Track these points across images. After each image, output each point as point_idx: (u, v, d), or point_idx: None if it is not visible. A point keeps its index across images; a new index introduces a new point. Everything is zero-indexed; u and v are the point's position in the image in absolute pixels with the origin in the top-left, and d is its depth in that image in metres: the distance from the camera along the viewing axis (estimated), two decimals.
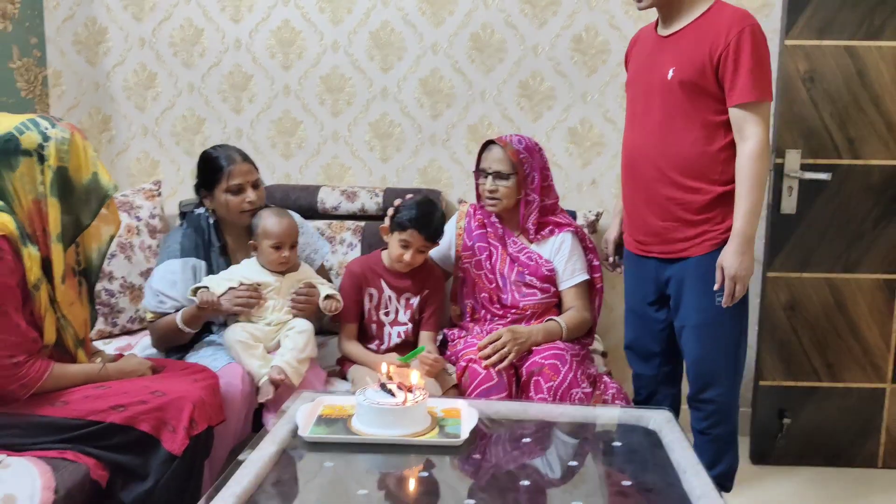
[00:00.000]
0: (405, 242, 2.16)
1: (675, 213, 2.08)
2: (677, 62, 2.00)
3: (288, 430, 1.71)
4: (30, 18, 2.84)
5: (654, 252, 2.16)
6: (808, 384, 2.68)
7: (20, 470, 1.55)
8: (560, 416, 1.90)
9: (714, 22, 1.97)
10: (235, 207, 2.14)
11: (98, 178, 1.77)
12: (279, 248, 2.11)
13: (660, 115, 2.04)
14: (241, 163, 2.16)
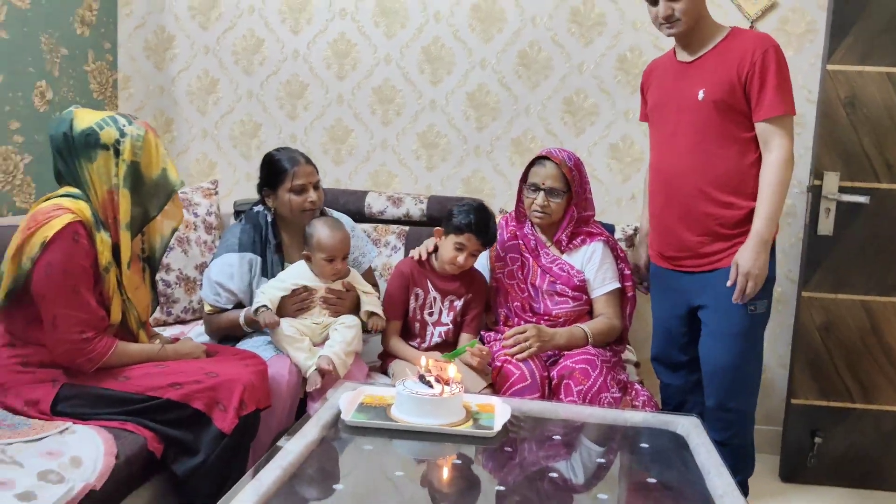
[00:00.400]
0: (460, 245, 2.25)
1: (711, 228, 2.16)
2: (707, 84, 2.11)
3: (331, 415, 1.81)
4: (105, 25, 3.03)
5: (686, 266, 2.23)
6: (840, 405, 2.70)
7: (85, 436, 1.68)
8: (589, 416, 1.97)
9: (737, 45, 2.10)
10: (298, 206, 2.26)
11: (167, 173, 1.91)
12: (332, 260, 2.22)
13: (693, 134, 2.13)
14: (305, 164, 2.28)
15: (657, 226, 2.30)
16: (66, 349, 1.76)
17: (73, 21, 2.84)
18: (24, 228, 1.75)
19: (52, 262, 1.72)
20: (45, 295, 1.73)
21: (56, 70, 2.76)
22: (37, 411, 1.77)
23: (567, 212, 2.33)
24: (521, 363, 2.17)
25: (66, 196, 1.81)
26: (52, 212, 1.74)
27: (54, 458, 1.57)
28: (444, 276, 2.35)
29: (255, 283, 2.26)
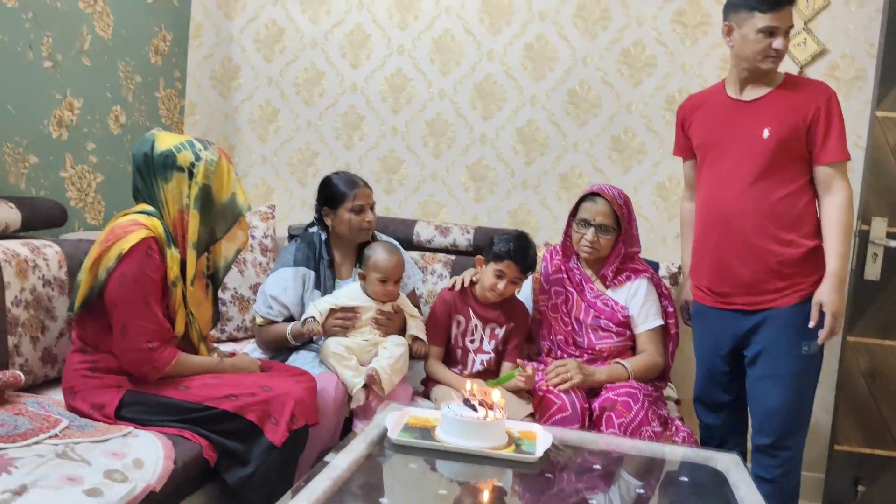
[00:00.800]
0: (500, 272, 2.32)
1: (770, 265, 2.15)
2: (772, 123, 2.13)
3: (377, 433, 1.88)
4: (176, 55, 3.21)
5: (738, 304, 2.22)
6: (885, 453, 2.67)
7: (146, 440, 1.77)
8: (630, 449, 2.00)
9: (801, 89, 2.15)
10: (356, 225, 2.40)
11: (236, 198, 2.02)
12: (385, 281, 2.31)
13: (756, 171, 2.14)
14: (364, 187, 2.45)
15: (709, 261, 2.26)
16: (133, 357, 1.86)
17: (148, 50, 3.02)
18: (103, 241, 1.88)
19: (126, 274, 1.83)
20: (117, 304, 1.84)
21: (130, 96, 2.94)
22: (102, 415, 1.87)
23: (615, 248, 2.38)
24: (562, 394, 2.21)
25: (142, 213, 1.93)
26: (129, 227, 1.87)
27: (118, 458, 1.66)
28: (486, 304, 2.41)
29: (308, 296, 2.38)
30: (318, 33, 3.19)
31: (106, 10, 2.74)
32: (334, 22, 3.17)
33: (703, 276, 2.30)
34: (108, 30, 2.77)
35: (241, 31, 3.26)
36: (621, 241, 2.38)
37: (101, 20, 2.73)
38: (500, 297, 2.36)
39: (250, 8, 3.24)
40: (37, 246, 2.16)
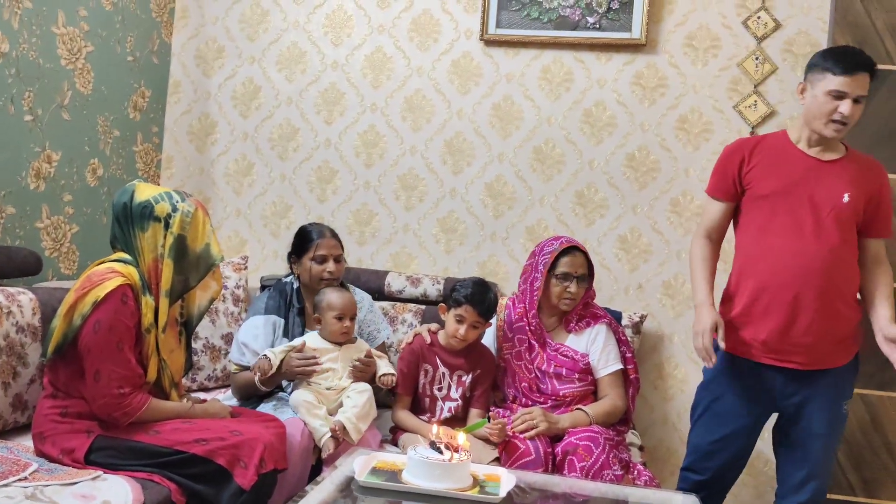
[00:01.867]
0: (460, 317, 2.40)
1: (835, 327, 2.18)
2: (851, 189, 2.16)
3: (345, 477, 1.92)
4: (154, 110, 3.31)
5: (795, 362, 2.18)
6: (844, 498, 2.73)
7: (115, 484, 1.79)
8: (592, 491, 2.05)
9: (864, 161, 2.25)
10: (317, 274, 2.47)
11: (209, 248, 2.09)
12: (341, 318, 2.38)
13: (835, 232, 2.15)
14: (329, 238, 2.53)
15: (779, 315, 2.17)
16: (105, 402, 1.89)
17: (127, 106, 3.11)
18: (79, 288, 1.93)
19: (101, 320, 1.88)
20: (91, 350, 1.88)
21: (108, 149, 3.01)
22: (71, 459, 1.89)
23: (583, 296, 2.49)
24: (527, 440, 2.26)
25: (118, 261, 1.99)
26: (105, 274, 1.92)
27: (88, 500, 1.68)
28: (453, 351, 2.48)
29: (278, 343, 2.43)
30: (294, 91, 3.31)
31: (87, 66, 2.84)
32: (309, 80, 3.30)
33: (762, 329, 2.19)
34: (89, 86, 2.86)
35: (218, 89, 3.37)
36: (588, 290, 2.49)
37: (82, 76, 2.82)
38: (464, 341, 2.43)
39: (228, 66, 3.36)
40: (11, 293, 2.20)
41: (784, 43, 2.99)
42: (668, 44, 3.06)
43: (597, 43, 3.08)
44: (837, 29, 2.71)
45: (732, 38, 3.01)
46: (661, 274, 3.05)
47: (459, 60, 3.21)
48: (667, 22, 3.06)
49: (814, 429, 2.23)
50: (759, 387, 2.25)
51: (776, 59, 2.99)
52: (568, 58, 3.12)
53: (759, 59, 3.00)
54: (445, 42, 3.22)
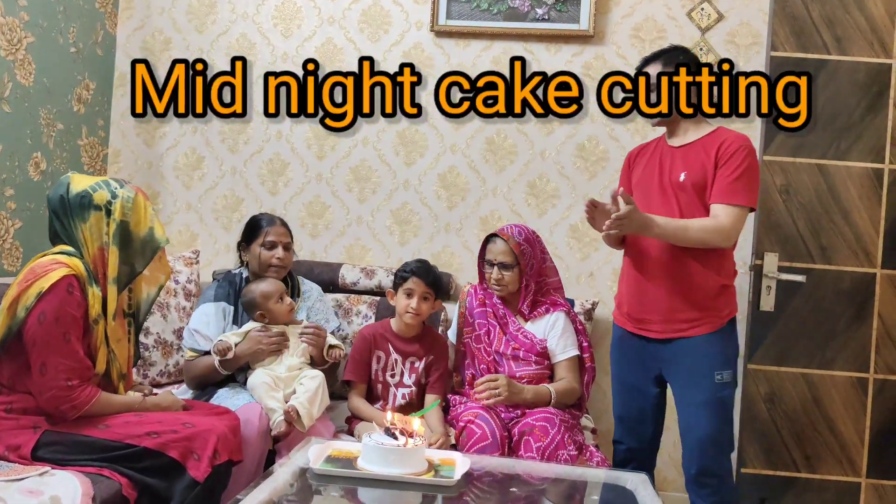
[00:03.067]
0: (409, 291, 2.44)
1: (685, 296, 2.29)
2: (688, 168, 2.31)
3: (300, 465, 1.91)
4: (99, 104, 3.24)
5: (654, 331, 2.34)
6: (787, 474, 2.83)
7: (64, 479, 1.76)
8: (545, 471, 2.09)
9: (713, 138, 2.32)
10: (266, 261, 2.49)
11: (153, 232, 2.07)
12: (281, 299, 2.40)
13: (676, 208, 2.31)
14: (279, 226, 2.54)
15: (633, 290, 2.40)
16: (52, 395, 1.86)
17: (70, 98, 3.04)
18: (22, 281, 1.88)
19: (46, 311, 1.84)
20: (37, 342, 1.84)
21: (51, 143, 2.94)
22: (17, 456, 1.85)
23: (523, 283, 2.51)
24: (483, 424, 2.28)
25: (62, 253, 1.95)
26: (49, 266, 1.88)
27: (35, 496, 1.65)
28: (405, 338, 2.50)
29: (227, 329, 2.43)
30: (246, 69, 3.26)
31: (28, 58, 2.77)
32: (258, 74, 3.27)
33: (627, 304, 2.43)
34: (30, 77, 2.79)
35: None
36: (529, 276, 2.51)
37: (23, 68, 2.75)
38: (417, 316, 2.46)
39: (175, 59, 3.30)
40: None
41: (727, 34, 3.08)
42: (615, 35, 3.11)
43: (545, 34, 3.12)
44: (777, 20, 2.80)
45: (678, 30, 3.08)
46: (612, 262, 3.11)
47: (410, 51, 3.22)
48: (614, 13, 3.12)
49: (686, 397, 2.31)
50: (641, 355, 2.39)
51: (720, 50, 3.07)
52: (518, 48, 3.16)
53: (704, 49, 3.08)
54: (396, 33, 3.22)
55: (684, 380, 2.32)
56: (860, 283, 2.79)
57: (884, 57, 2.79)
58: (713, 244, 2.25)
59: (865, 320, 2.79)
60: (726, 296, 2.31)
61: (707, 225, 2.24)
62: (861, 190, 2.79)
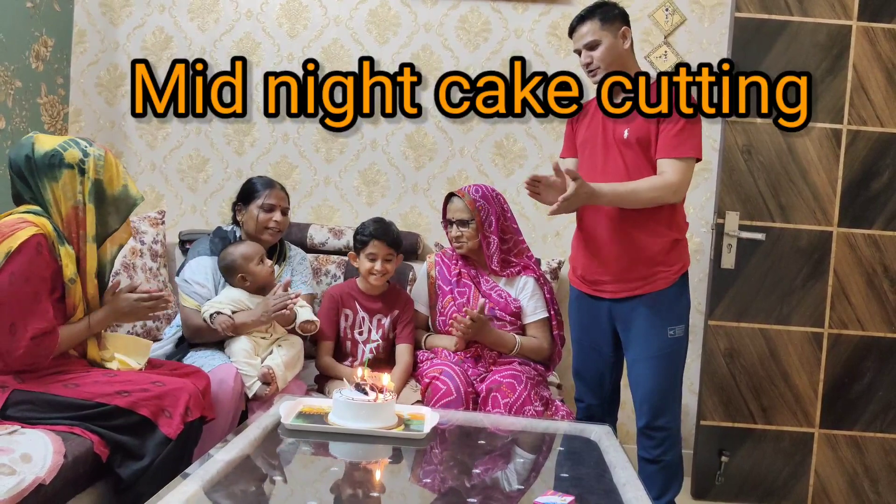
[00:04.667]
0: (372, 255, 2.48)
1: (635, 255, 2.32)
2: (630, 124, 2.32)
3: (272, 421, 1.94)
4: (58, 61, 3.16)
5: (608, 291, 2.39)
6: (744, 426, 2.94)
7: (34, 437, 1.76)
8: (512, 424, 2.15)
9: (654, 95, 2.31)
10: (263, 222, 2.48)
11: (128, 189, 2.06)
12: (262, 261, 2.40)
13: (621, 166, 2.32)
14: (279, 190, 2.55)
15: (584, 250, 2.43)
16: (22, 353, 1.84)
17: (28, 55, 2.96)
18: None
19: (15, 272, 1.82)
20: (6, 302, 1.82)
21: (10, 101, 2.87)
22: None
23: (483, 239, 2.54)
24: (447, 380, 2.32)
25: (28, 212, 1.92)
26: (16, 225, 1.86)
27: (5, 453, 1.65)
28: (371, 296, 2.55)
29: (220, 287, 2.43)
30: (207, 41, 3.22)
31: None
32: (223, 30, 3.21)
33: (579, 265, 2.47)
34: None
35: (126, 38, 3.24)
36: (487, 231, 2.54)
37: None
38: (383, 277, 2.50)
39: (136, 15, 3.23)
40: None
41: None
42: None
43: None
44: None
45: None
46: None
47: (377, 10, 3.18)
48: None
49: (638, 352, 2.36)
50: (596, 315, 2.43)
51: (685, 11, 3.10)
52: (485, 8, 3.14)
53: (669, 10, 3.10)
54: None
55: (637, 335, 2.36)
56: (817, 241, 2.88)
57: (844, 18, 2.83)
58: (664, 201, 2.27)
59: (821, 277, 2.89)
60: (678, 250, 2.35)
61: (656, 183, 2.24)
62: (820, 150, 2.86)
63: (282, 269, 2.58)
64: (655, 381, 2.35)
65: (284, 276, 2.56)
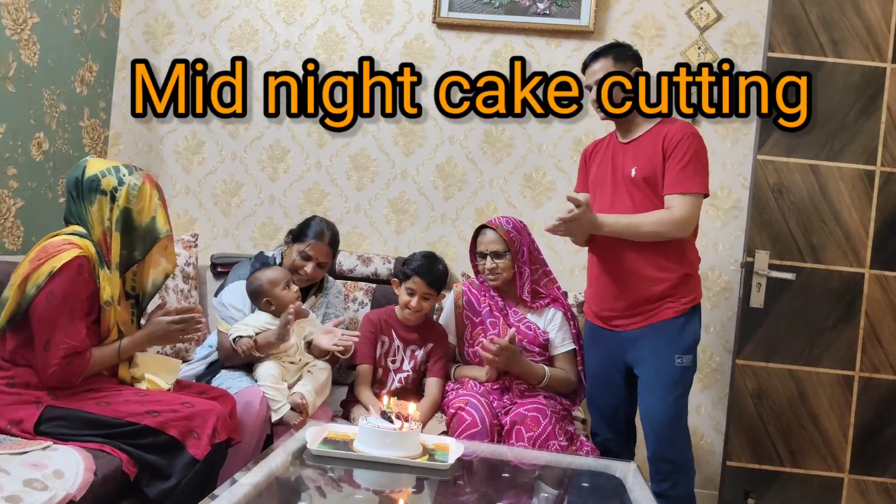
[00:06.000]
0: (411, 290, 2.48)
1: (644, 290, 2.33)
2: (638, 163, 2.36)
3: (297, 445, 1.96)
4: (101, 86, 3.26)
5: (619, 325, 2.40)
6: (772, 468, 2.89)
7: (66, 453, 1.79)
8: (536, 458, 2.14)
9: (659, 131, 2.36)
10: (296, 267, 2.52)
11: (155, 222, 2.08)
12: (288, 285, 2.42)
13: (628, 203, 2.36)
14: (325, 245, 2.54)
15: (595, 286, 2.47)
16: (54, 371, 1.89)
17: (73, 80, 3.06)
18: (34, 259, 1.91)
19: (55, 291, 1.87)
20: (43, 319, 1.87)
21: (54, 124, 2.96)
22: (20, 430, 1.88)
23: (517, 270, 2.56)
24: (473, 411, 2.32)
25: (74, 234, 1.98)
26: (62, 245, 1.92)
27: (38, 469, 1.68)
28: (407, 326, 2.55)
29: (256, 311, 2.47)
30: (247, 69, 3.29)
31: (32, 38, 2.78)
32: (261, 59, 3.29)
33: (592, 299, 2.51)
34: (35, 58, 2.80)
35: (167, 65, 3.33)
36: (520, 262, 2.55)
37: (28, 48, 2.76)
38: (417, 313, 2.50)
39: (178, 43, 3.33)
40: None
41: (725, 34, 3.12)
42: (615, 32, 3.15)
43: (546, 29, 3.15)
44: (774, 21, 2.84)
45: (676, 28, 3.12)
46: None
47: (412, 42, 3.24)
48: (614, 10, 3.16)
49: (646, 381, 2.36)
50: (609, 348, 2.43)
51: (717, 50, 3.12)
52: (518, 42, 3.19)
53: (702, 48, 3.12)
54: (398, 24, 3.25)
55: (646, 364, 2.36)
56: (849, 283, 2.85)
57: (879, 61, 2.83)
58: (669, 235, 2.28)
59: (853, 319, 2.85)
60: (689, 284, 2.36)
61: (662, 217, 2.26)
62: (852, 191, 2.84)
63: (317, 300, 2.62)
64: (662, 410, 2.33)
65: (320, 308, 2.59)
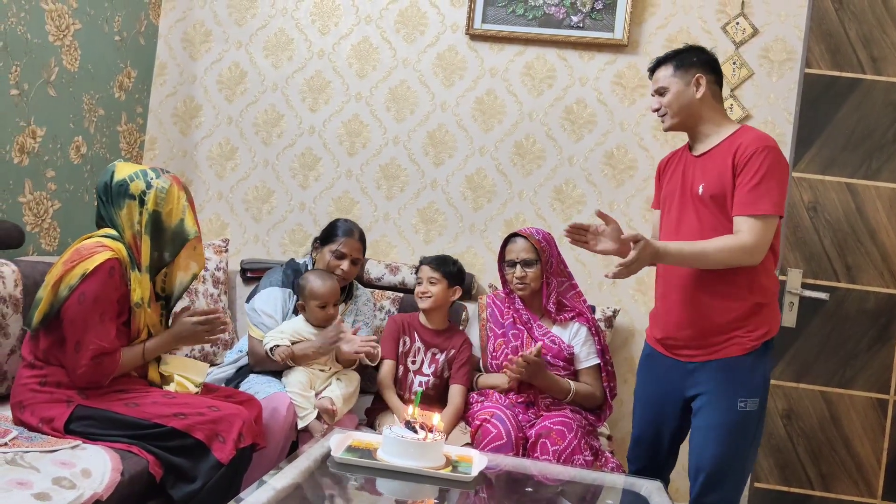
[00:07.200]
0: (419, 279, 2.62)
1: (710, 321, 2.13)
2: (706, 179, 2.14)
3: (321, 453, 1.96)
4: (139, 91, 3.32)
5: (683, 354, 2.20)
6: (801, 491, 2.83)
7: (94, 453, 1.82)
8: (560, 473, 2.11)
9: (730, 145, 2.14)
10: (331, 268, 2.53)
11: (184, 223, 2.10)
12: (324, 306, 2.42)
13: (695, 224, 2.15)
14: (355, 240, 2.58)
15: (661, 308, 2.27)
16: (84, 371, 1.92)
17: (112, 85, 3.12)
18: (68, 260, 1.95)
19: (87, 292, 1.91)
20: (75, 320, 1.90)
21: (92, 128, 3.02)
22: (50, 428, 1.91)
23: (545, 281, 2.55)
24: (498, 423, 2.31)
25: (107, 237, 2.02)
26: (94, 248, 1.95)
27: (67, 467, 1.70)
28: (430, 329, 2.61)
29: (288, 317, 2.49)
30: (280, 77, 3.34)
31: (74, 44, 2.84)
32: (296, 68, 3.33)
33: (656, 322, 2.30)
34: (76, 63, 2.86)
35: (204, 72, 3.39)
36: (549, 273, 2.55)
37: (69, 53, 2.83)
38: (427, 297, 2.57)
39: (215, 50, 3.38)
40: None
41: (761, 49, 3.08)
42: (649, 45, 3.13)
43: (580, 42, 3.15)
44: (812, 37, 2.80)
45: (711, 42, 3.09)
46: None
47: (445, 53, 3.26)
48: (648, 24, 3.14)
49: (702, 421, 2.15)
50: (668, 376, 2.23)
51: (753, 65, 3.08)
52: (551, 55, 3.19)
53: (737, 63, 3.09)
54: (431, 35, 3.26)
55: (705, 402, 2.15)
56: (884, 304, 2.79)
57: None
58: (740, 263, 2.06)
59: (888, 341, 2.79)
60: (762, 315, 2.13)
61: (729, 244, 2.04)
62: (890, 210, 2.78)
63: (347, 307, 2.63)
64: (713, 452, 2.11)
65: (349, 315, 2.60)
